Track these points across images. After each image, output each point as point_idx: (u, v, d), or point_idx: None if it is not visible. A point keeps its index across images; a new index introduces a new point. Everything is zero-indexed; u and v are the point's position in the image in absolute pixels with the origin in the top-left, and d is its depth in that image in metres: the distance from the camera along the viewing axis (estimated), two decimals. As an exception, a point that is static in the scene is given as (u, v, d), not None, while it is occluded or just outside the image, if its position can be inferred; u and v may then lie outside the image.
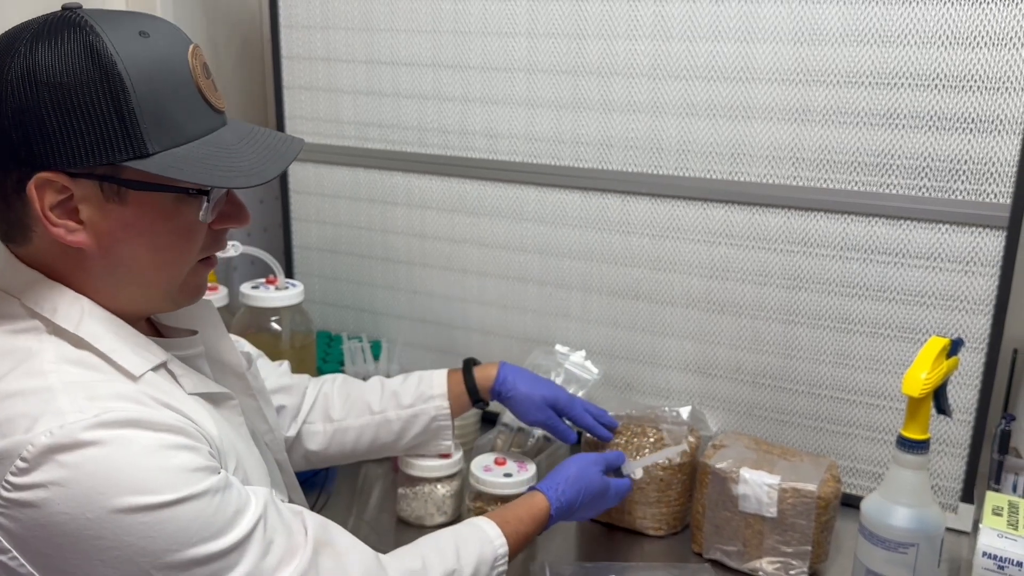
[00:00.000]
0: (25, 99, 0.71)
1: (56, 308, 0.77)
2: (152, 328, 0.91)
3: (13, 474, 0.67)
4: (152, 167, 0.73)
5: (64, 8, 0.74)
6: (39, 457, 0.67)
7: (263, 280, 1.41)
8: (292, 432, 1.14)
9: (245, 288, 1.38)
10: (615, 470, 1.14)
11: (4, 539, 0.68)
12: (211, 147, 0.76)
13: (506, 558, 0.96)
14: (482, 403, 1.21)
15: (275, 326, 1.39)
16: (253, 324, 1.37)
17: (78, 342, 0.76)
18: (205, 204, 0.78)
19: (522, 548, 1.00)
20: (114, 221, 0.75)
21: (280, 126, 1.59)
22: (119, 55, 0.71)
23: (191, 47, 0.77)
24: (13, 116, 0.71)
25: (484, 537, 0.95)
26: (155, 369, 0.79)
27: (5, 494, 0.67)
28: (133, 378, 0.76)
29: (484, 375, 1.20)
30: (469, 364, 1.21)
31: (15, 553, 0.68)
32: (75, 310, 0.77)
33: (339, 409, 1.17)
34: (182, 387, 0.82)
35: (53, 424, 0.68)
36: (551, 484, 1.05)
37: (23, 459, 0.67)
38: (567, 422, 1.20)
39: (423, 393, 1.18)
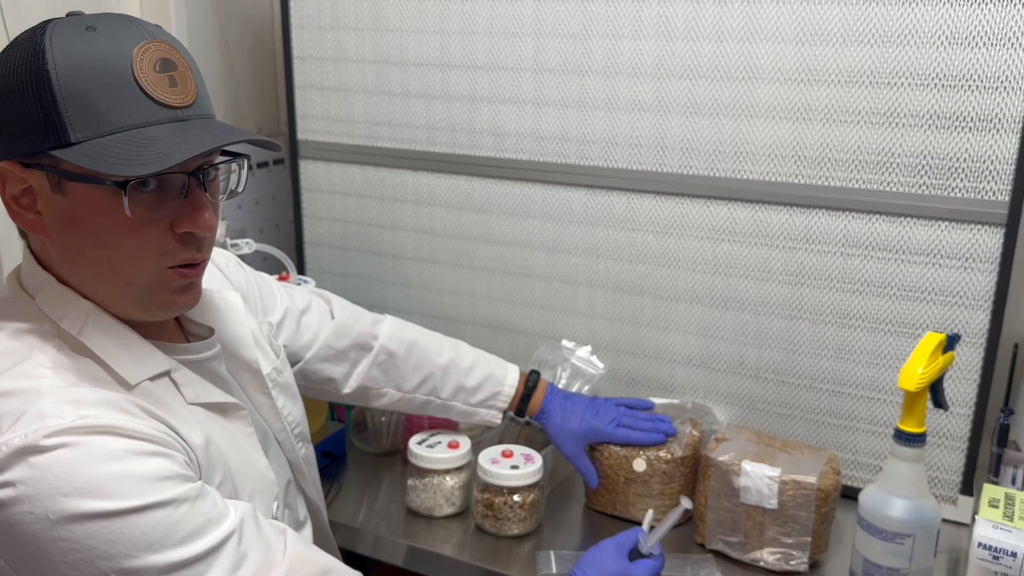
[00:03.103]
0: None
1: (64, 313, 0.78)
2: (178, 327, 0.92)
3: None
4: (70, 156, 0.72)
5: (67, 14, 0.77)
6: (12, 457, 0.68)
7: (276, 276, 1.43)
8: (348, 389, 1.21)
9: (258, 284, 1.41)
10: (636, 551, 1.02)
11: None
12: (138, 138, 0.73)
13: None
14: (521, 416, 1.27)
15: (287, 321, 1.42)
16: (266, 319, 1.40)
17: (80, 347, 0.77)
18: (124, 197, 0.74)
19: None
20: (60, 212, 0.77)
21: (292, 125, 1.62)
22: (51, 46, 0.72)
23: (143, 43, 0.74)
24: None
25: None
26: (155, 378, 0.80)
27: None
28: (128, 387, 0.77)
29: (535, 400, 1.26)
30: (534, 380, 1.27)
31: None
32: (81, 316, 0.79)
33: (411, 382, 1.23)
34: (184, 396, 0.82)
35: (30, 427, 0.69)
36: None
37: None
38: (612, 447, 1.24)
39: (486, 400, 1.25)
